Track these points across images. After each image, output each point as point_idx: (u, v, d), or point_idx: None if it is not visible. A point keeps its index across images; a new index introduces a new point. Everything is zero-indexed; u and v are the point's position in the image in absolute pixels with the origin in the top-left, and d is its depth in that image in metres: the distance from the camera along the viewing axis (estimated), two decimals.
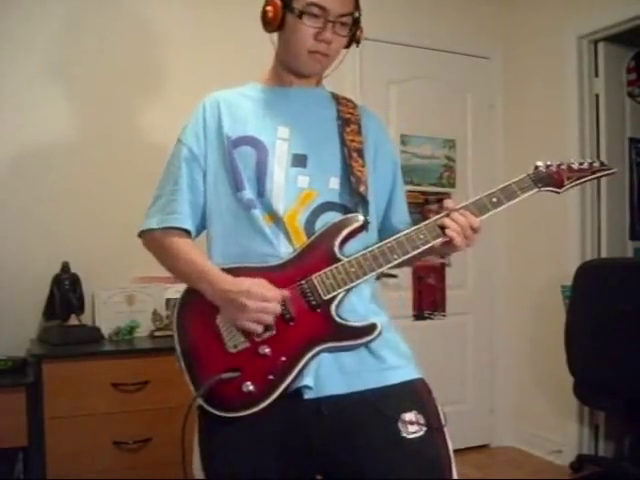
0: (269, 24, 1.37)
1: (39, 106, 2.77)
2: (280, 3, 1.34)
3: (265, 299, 1.22)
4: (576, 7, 3.32)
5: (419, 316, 3.52)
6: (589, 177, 1.36)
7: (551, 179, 1.33)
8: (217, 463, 1.28)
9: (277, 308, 1.23)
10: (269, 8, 1.36)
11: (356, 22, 1.38)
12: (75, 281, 2.65)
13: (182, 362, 1.29)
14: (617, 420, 3.13)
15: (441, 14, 3.58)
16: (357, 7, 1.38)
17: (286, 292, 1.24)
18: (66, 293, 2.62)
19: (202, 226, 1.41)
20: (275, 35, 1.40)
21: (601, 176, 1.37)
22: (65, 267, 2.64)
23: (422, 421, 1.26)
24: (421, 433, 1.25)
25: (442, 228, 1.28)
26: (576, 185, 1.36)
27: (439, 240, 1.28)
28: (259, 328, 1.23)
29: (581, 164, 1.35)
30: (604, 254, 3.33)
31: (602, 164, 1.37)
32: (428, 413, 1.28)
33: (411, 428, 1.25)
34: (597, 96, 3.37)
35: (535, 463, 3.44)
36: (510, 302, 3.73)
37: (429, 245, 1.28)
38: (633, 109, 3.48)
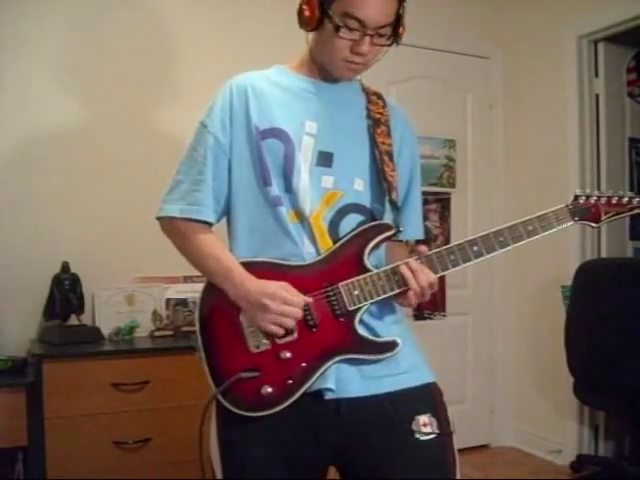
0: (305, 24, 1.31)
1: (38, 106, 2.76)
2: (317, 4, 1.27)
3: (288, 303, 1.21)
4: (576, 7, 3.32)
5: (419, 316, 3.52)
6: (626, 213, 1.33)
7: (588, 213, 1.32)
8: (233, 453, 1.29)
9: (299, 313, 1.22)
10: (305, 7, 1.29)
11: (398, 22, 1.29)
12: (75, 281, 2.66)
13: (203, 354, 1.29)
14: (617, 420, 3.13)
15: (441, 14, 3.58)
16: (400, 6, 1.28)
17: (310, 299, 1.24)
18: (66, 293, 2.62)
19: (224, 212, 1.37)
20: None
21: (638, 213, 1.34)
22: (65, 267, 2.64)
23: (435, 424, 1.28)
24: (433, 436, 1.27)
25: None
26: (613, 220, 1.34)
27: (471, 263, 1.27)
28: (280, 331, 1.23)
29: (620, 198, 1.33)
30: (604, 254, 3.33)
31: None
32: (440, 417, 1.30)
33: (424, 430, 1.26)
34: (597, 96, 3.37)
35: (535, 463, 3.43)
36: (510, 302, 3.73)
37: (460, 267, 1.27)
38: (633, 109, 3.48)
